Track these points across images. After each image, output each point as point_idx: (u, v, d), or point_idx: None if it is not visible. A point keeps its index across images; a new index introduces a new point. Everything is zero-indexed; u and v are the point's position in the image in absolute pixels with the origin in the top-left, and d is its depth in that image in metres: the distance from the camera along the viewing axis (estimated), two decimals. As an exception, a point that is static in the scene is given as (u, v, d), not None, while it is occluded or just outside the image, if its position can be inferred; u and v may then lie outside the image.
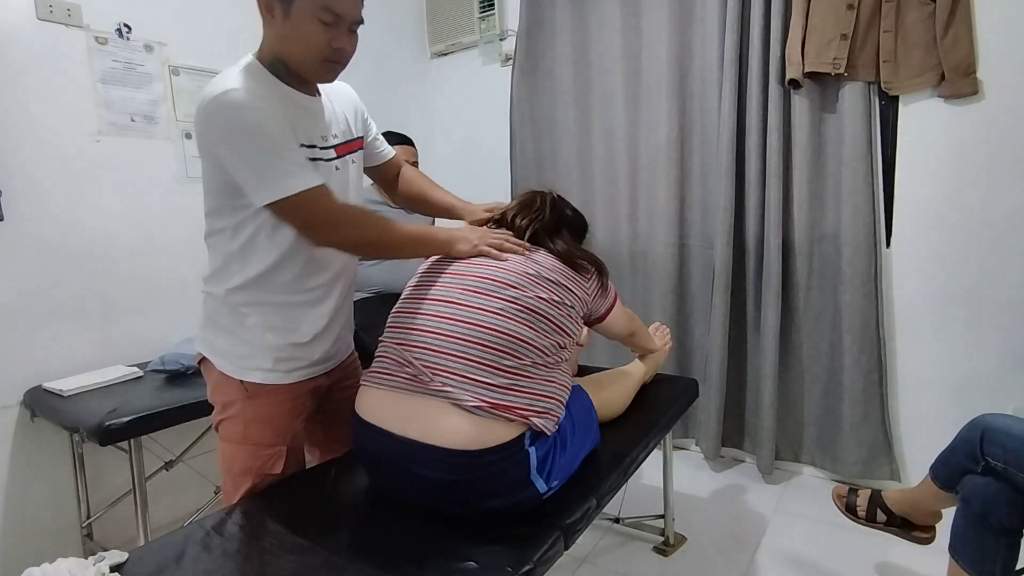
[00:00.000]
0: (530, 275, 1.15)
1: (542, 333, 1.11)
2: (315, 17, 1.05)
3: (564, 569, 1.80)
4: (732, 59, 2.21)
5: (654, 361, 1.75)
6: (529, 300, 1.11)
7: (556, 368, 1.16)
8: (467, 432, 1.04)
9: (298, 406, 1.28)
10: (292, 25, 1.06)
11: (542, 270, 1.16)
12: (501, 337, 1.08)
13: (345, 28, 1.09)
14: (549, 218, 1.28)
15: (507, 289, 1.12)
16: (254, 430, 1.23)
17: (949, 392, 2.05)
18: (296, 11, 1.05)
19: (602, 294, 1.30)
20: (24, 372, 1.79)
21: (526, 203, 1.32)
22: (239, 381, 1.21)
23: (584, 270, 1.23)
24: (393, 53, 3.00)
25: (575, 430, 1.20)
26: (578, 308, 1.21)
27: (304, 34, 1.07)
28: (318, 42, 1.07)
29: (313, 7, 1.04)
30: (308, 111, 1.18)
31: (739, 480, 2.34)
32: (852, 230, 2.09)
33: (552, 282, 1.16)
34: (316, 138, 1.18)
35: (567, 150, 2.70)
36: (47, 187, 1.83)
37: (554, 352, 1.14)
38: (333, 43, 1.08)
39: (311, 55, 1.09)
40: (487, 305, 1.10)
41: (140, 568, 1.01)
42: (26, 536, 1.82)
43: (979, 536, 1.30)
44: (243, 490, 1.24)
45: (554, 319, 1.13)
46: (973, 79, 1.89)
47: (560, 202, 1.36)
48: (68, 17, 1.87)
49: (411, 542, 1.05)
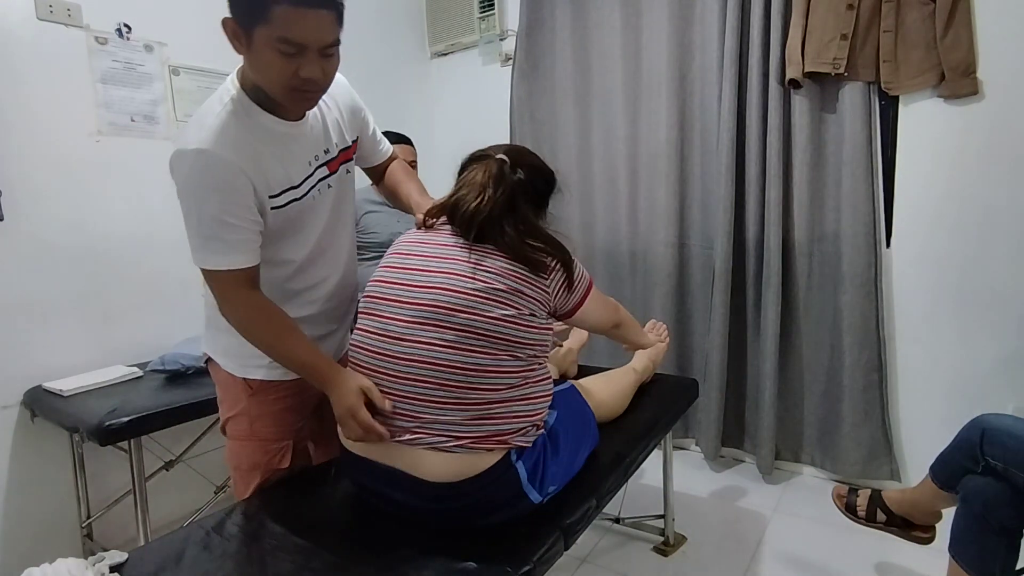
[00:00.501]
0: (479, 293, 1.02)
1: (504, 356, 1.03)
2: (275, 49, 0.97)
3: (564, 569, 1.80)
4: (732, 59, 2.21)
5: (652, 359, 1.74)
6: (482, 324, 1.01)
7: (527, 384, 1.08)
8: (451, 468, 1.03)
9: (301, 401, 1.30)
10: (255, 55, 1.00)
11: (492, 281, 1.03)
12: (460, 373, 1.01)
13: (313, 55, 0.99)
14: (498, 199, 1.09)
15: (457, 315, 1.01)
16: (260, 426, 1.25)
17: (949, 392, 2.05)
18: (256, 42, 0.98)
19: (567, 287, 1.13)
20: (24, 372, 1.79)
21: (468, 183, 1.13)
22: (243, 379, 1.24)
23: (541, 266, 1.08)
24: (393, 53, 3.00)
25: (567, 432, 1.19)
26: (539, 312, 1.08)
27: (267, 65, 0.99)
28: (282, 73, 0.99)
29: (269, 38, 0.96)
30: (293, 139, 1.13)
31: (739, 480, 2.34)
32: (852, 230, 2.09)
33: (505, 292, 1.03)
34: (299, 170, 1.14)
35: (567, 150, 2.70)
36: (47, 187, 1.83)
37: (521, 370, 1.06)
38: (301, 73, 0.99)
39: (278, 86, 1.02)
40: (438, 339, 1.02)
41: (140, 568, 1.01)
42: (26, 536, 1.82)
43: (979, 536, 1.30)
44: (252, 486, 1.27)
45: (513, 338, 1.04)
46: (973, 79, 1.89)
47: (512, 167, 1.14)
48: (68, 17, 1.87)
49: (411, 542, 1.05)
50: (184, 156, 1.04)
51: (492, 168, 1.13)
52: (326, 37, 1.00)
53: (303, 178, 1.16)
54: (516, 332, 1.04)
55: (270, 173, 1.09)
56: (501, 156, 1.16)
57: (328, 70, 1.04)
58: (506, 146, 1.22)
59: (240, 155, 1.04)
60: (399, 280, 1.09)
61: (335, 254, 1.28)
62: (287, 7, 0.94)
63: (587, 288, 1.20)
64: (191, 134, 1.05)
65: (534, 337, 1.08)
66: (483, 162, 1.16)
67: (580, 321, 1.26)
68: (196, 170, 1.03)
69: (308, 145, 1.17)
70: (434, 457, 1.03)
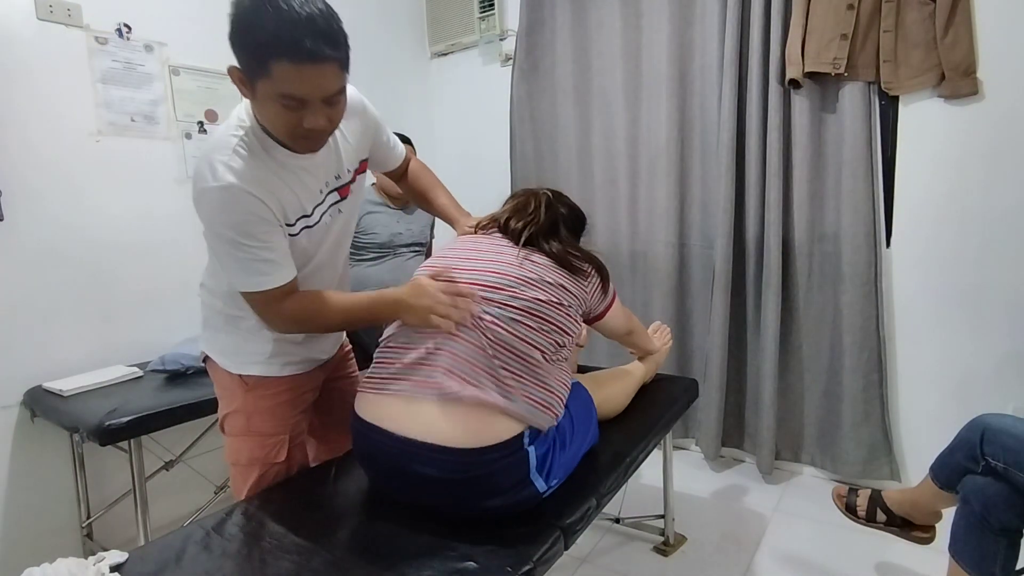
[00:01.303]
0: (524, 279, 1.15)
1: (540, 333, 1.12)
2: (277, 102, 0.98)
3: (564, 569, 1.80)
4: (732, 59, 2.21)
5: (654, 360, 1.75)
6: (526, 303, 1.12)
7: (556, 366, 1.16)
8: (467, 428, 1.04)
9: (297, 397, 1.32)
10: (260, 105, 1.02)
11: (537, 273, 1.16)
12: (500, 346, 1.09)
13: (317, 106, 0.99)
14: (544, 220, 1.26)
15: (500, 292, 1.13)
16: (256, 421, 1.27)
17: (949, 392, 2.05)
18: (259, 95, 0.99)
19: (602, 292, 1.29)
20: (24, 372, 1.79)
21: (520, 207, 1.30)
22: (239, 376, 1.26)
23: (580, 271, 1.22)
24: (393, 53, 3.00)
25: (575, 428, 1.21)
26: (576, 307, 1.20)
27: (272, 115, 1.01)
28: (287, 124, 1.01)
29: (272, 93, 0.97)
30: (305, 171, 1.13)
31: (739, 480, 2.34)
32: (852, 230, 2.09)
33: (548, 283, 1.16)
34: (311, 199, 1.15)
35: (567, 150, 2.70)
36: (47, 187, 1.83)
37: (552, 351, 1.14)
38: (304, 123, 1.00)
39: (283, 135, 1.04)
40: (485, 312, 1.11)
41: (140, 568, 1.01)
42: (26, 536, 1.82)
43: (979, 536, 1.30)
44: (251, 481, 1.28)
45: (551, 319, 1.14)
46: (973, 79, 1.89)
47: (555, 200, 1.33)
48: (68, 17, 1.87)
49: (411, 542, 1.05)
50: (210, 193, 1.03)
51: (540, 198, 1.31)
52: (329, 88, 0.99)
53: (315, 206, 1.17)
54: (555, 315, 1.14)
55: (287, 204, 1.11)
56: (547, 192, 1.34)
57: (334, 117, 1.05)
58: (548, 188, 1.38)
59: (261, 189, 1.05)
60: (449, 263, 1.21)
61: (331, 271, 1.30)
62: (287, 65, 0.93)
63: (613, 296, 1.37)
64: (213, 170, 1.03)
65: (569, 326, 1.18)
66: (532, 193, 1.33)
67: (604, 325, 1.40)
68: (226, 206, 1.03)
69: (321, 175, 1.17)
70: (454, 414, 1.05)
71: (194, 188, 1.06)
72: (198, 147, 2.18)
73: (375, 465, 1.19)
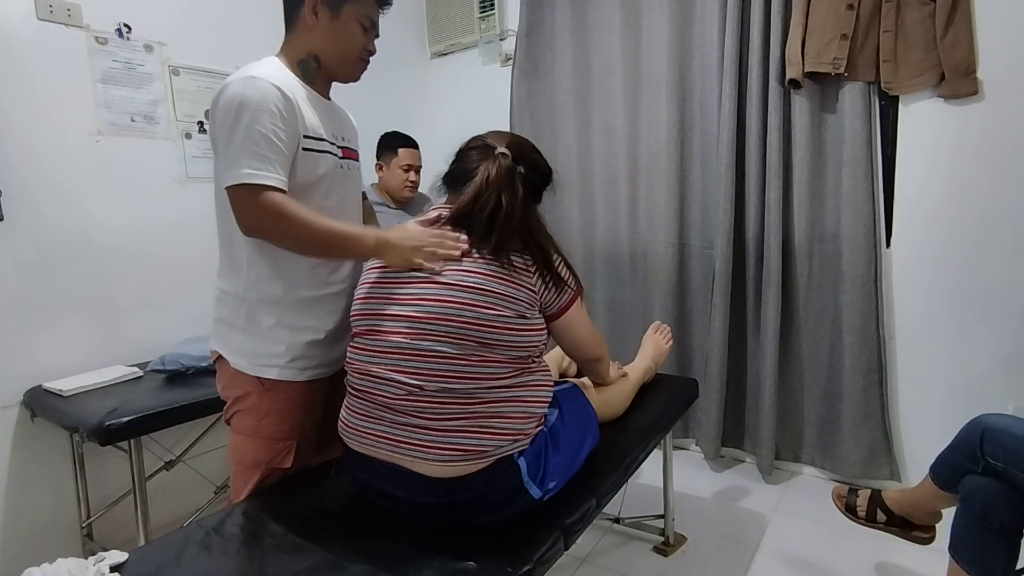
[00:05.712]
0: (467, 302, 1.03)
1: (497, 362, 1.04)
2: (358, 22, 1.24)
3: (564, 569, 1.80)
4: (732, 59, 2.21)
5: (654, 359, 1.75)
6: (474, 331, 1.02)
7: (522, 387, 1.08)
8: (452, 466, 1.04)
9: (311, 402, 1.30)
10: (338, 27, 1.22)
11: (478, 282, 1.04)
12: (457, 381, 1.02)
13: (374, 34, 1.28)
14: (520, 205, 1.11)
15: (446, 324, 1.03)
16: (268, 423, 1.25)
17: (949, 392, 2.05)
18: (344, 15, 1.22)
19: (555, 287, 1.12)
20: (24, 372, 1.79)
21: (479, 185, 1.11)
22: (256, 377, 1.24)
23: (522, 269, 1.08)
24: (393, 53, 3.00)
25: (568, 430, 1.19)
26: (524, 310, 1.07)
27: (347, 35, 1.24)
28: (358, 44, 1.26)
29: (358, 14, 1.23)
30: (325, 111, 1.27)
31: (739, 480, 2.34)
32: (852, 230, 2.09)
33: (490, 293, 1.04)
34: (328, 134, 1.25)
35: (567, 150, 2.70)
36: (47, 187, 1.83)
37: (515, 374, 1.07)
38: (368, 46, 1.28)
39: (351, 54, 1.26)
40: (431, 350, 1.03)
41: (140, 568, 1.01)
42: (26, 536, 1.82)
43: (979, 536, 1.30)
44: (252, 482, 1.26)
45: (504, 342, 1.05)
46: (973, 79, 1.89)
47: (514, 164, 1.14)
48: (68, 17, 1.87)
49: (411, 542, 1.05)
50: (233, 85, 1.12)
51: (501, 170, 1.11)
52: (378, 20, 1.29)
53: (331, 140, 1.26)
54: (505, 336, 1.04)
55: (307, 116, 1.19)
56: (503, 151, 1.14)
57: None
58: (507, 136, 1.21)
59: (286, 89, 1.15)
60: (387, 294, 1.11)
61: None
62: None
63: (573, 297, 1.17)
64: (240, 72, 1.15)
65: (524, 339, 1.07)
66: (487, 159, 1.14)
67: (561, 327, 1.19)
68: (248, 91, 1.10)
69: (334, 122, 1.30)
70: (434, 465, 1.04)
71: (217, 92, 1.14)
72: (198, 147, 2.18)
73: (366, 488, 1.18)
